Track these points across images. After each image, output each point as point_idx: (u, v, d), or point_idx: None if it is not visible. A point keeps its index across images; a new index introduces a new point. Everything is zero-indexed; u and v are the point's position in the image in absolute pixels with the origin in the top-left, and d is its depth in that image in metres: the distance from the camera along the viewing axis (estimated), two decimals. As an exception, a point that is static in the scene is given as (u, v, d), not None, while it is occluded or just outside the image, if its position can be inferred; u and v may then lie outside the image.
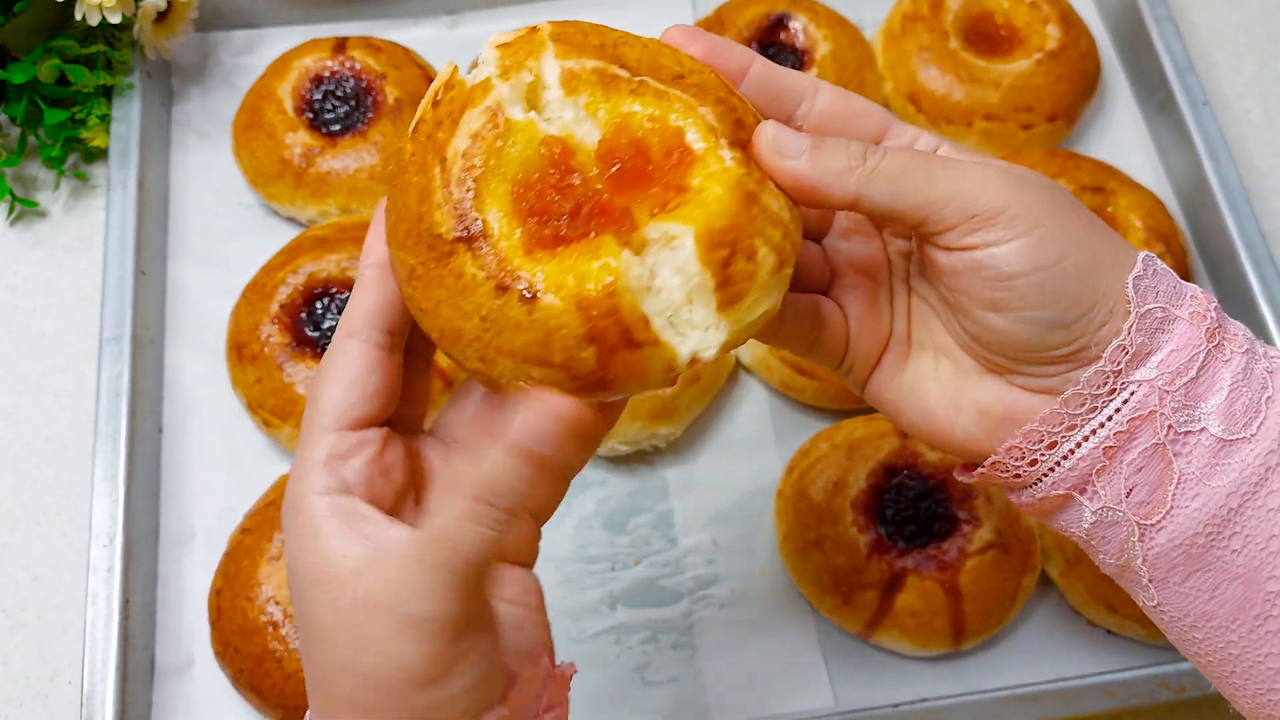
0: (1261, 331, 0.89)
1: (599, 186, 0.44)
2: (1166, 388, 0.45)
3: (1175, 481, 0.45)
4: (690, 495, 0.86)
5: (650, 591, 0.83)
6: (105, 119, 0.94)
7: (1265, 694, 0.46)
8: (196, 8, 0.97)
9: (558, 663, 0.50)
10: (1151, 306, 0.45)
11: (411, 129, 0.47)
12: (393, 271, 0.47)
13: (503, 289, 0.43)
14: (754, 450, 0.88)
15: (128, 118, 0.94)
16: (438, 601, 0.42)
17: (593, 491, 0.86)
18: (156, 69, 0.98)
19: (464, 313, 0.44)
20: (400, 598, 0.41)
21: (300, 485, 0.45)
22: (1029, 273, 0.45)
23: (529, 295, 0.42)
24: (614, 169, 0.45)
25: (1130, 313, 0.45)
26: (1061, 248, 0.45)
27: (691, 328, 0.44)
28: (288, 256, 0.89)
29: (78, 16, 0.89)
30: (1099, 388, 0.46)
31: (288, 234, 0.94)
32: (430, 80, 0.98)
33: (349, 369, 0.46)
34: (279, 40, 1.03)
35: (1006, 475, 0.50)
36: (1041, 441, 0.47)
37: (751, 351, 0.89)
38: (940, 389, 0.51)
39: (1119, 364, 0.45)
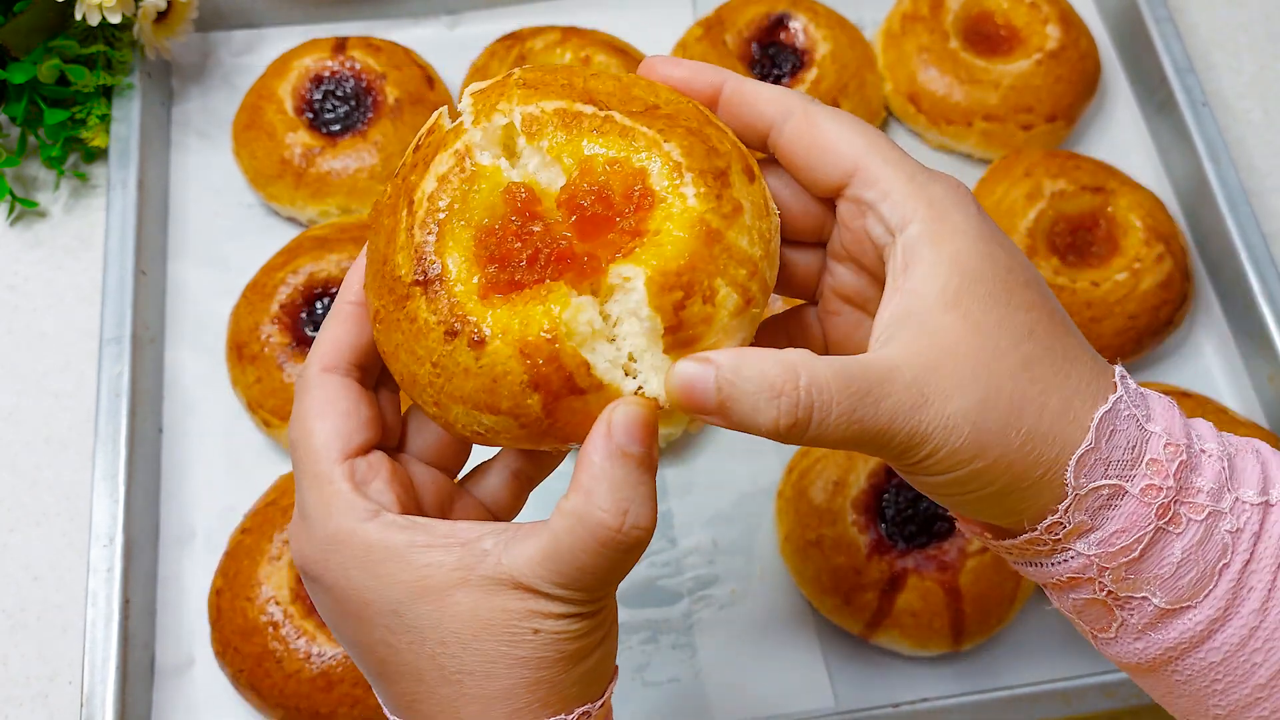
0: (1262, 331, 0.89)
1: (565, 234, 0.44)
2: (1105, 564, 0.43)
3: (1118, 624, 0.45)
4: (690, 495, 0.86)
5: (650, 591, 0.83)
6: (105, 119, 0.94)
7: None
8: (196, 8, 0.97)
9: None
10: (1098, 484, 0.42)
11: (395, 172, 0.48)
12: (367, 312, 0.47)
13: (452, 334, 0.43)
14: (754, 450, 0.88)
15: (128, 118, 0.94)
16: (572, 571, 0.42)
17: (593, 491, 0.86)
18: (156, 69, 0.98)
19: (418, 357, 0.44)
20: (543, 569, 0.42)
21: (336, 521, 0.44)
22: (965, 493, 0.44)
23: (477, 340, 0.42)
24: (575, 216, 0.44)
25: (1069, 494, 0.43)
26: (994, 474, 0.43)
27: (653, 371, 0.44)
28: (288, 256, 0.89)
29: (78, 16, 0.89)
30: (1040, 546, 0.45)
31: (288, 234, 0.94)
32: (430, 80, 0.98)
33: (339, 400, 0.46)
34: (279, 40, 1.03)
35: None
36: (1002, 554, 0.48)
37: (751, 352, 0.89)
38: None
39: (1056, 535, 0.44)
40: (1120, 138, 1.02)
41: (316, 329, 0.86)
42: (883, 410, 0.41)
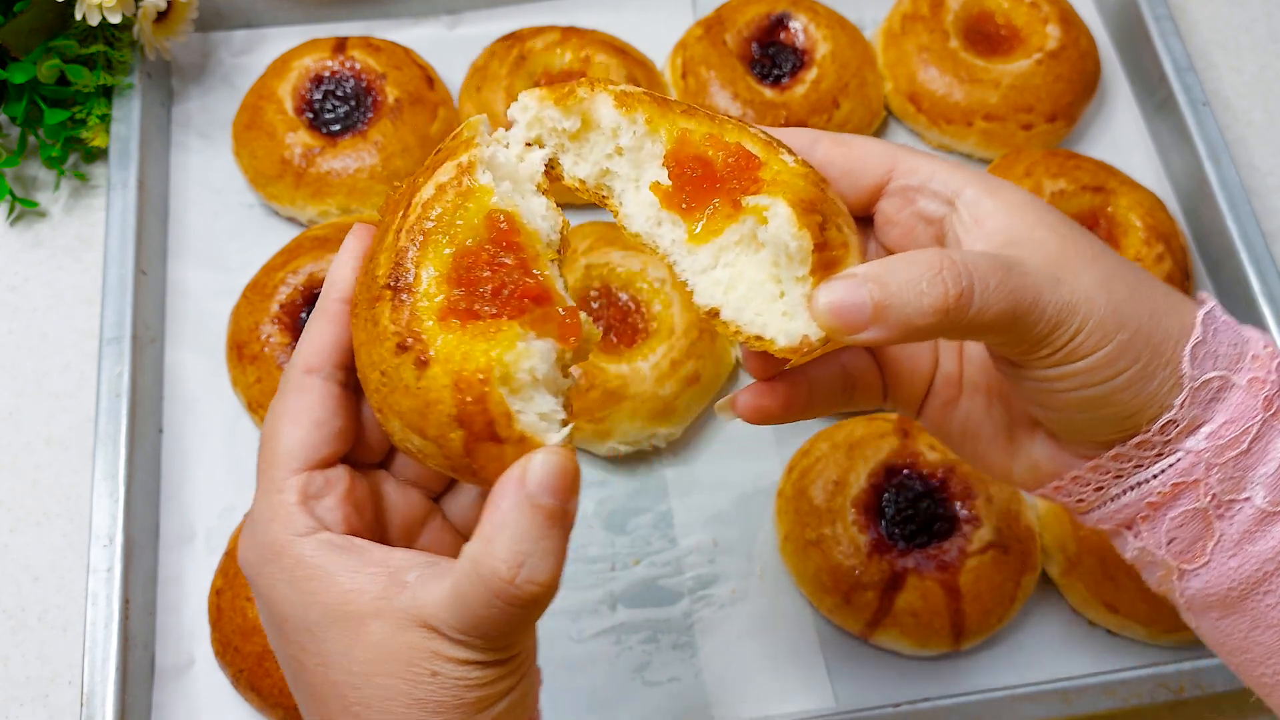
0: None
1: (536, 273, 0.43)
2: (1214, 460, 0.45)
3: (1215, 540, 0.46)
4: (690, 495, 0.86)
5: (650, 591, 0.83)
6: (105, 119, 0.94)
7: None
8: (196, 8, 0.97)
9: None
10: (1209, 376, 0.45)
11: (416, 168, 0.48)
12: None
13: (403, 348, 0.42)
14: (754, 450, 0.88)
15: (128, 118, 0.94)
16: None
17: (593, 491, 0.86)
18: (156, 69, 0.98)
19: (373, 362, 0.44)
20: (445, 613, 0.41)
21: (276, 530, 0.44)
22: (1105, 381, 0.44)
23: (422, 361, 0.42)
24: (679, 182, 0.46)
25: (1184, 386, 0.44)
26: (1136, 350, 0.44)
27: (798, 305, 0.44)
28: (288, 256, 0.89)
29: (78, 16, 0.89)
30: (1147, 450, 0.46)
31: (288, 234, 0.94)
32: (430, 80, 0.98)
33: (314, 408, 0.46)
34: (279, 40, 1.03)
35: (1061, 503, 0.51)
36: (1089, 486, 0.48)
37: (751, 351, 0.89)
38: (994, 435, 0.52)
39: (1168, 435, 0.45)
40: (1120, 137, 1.02)
41: (316, 329, 0.86)
42: (1029, 282, 0.43)
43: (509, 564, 0.40)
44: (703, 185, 0.46)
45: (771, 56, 0.99)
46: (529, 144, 0.49)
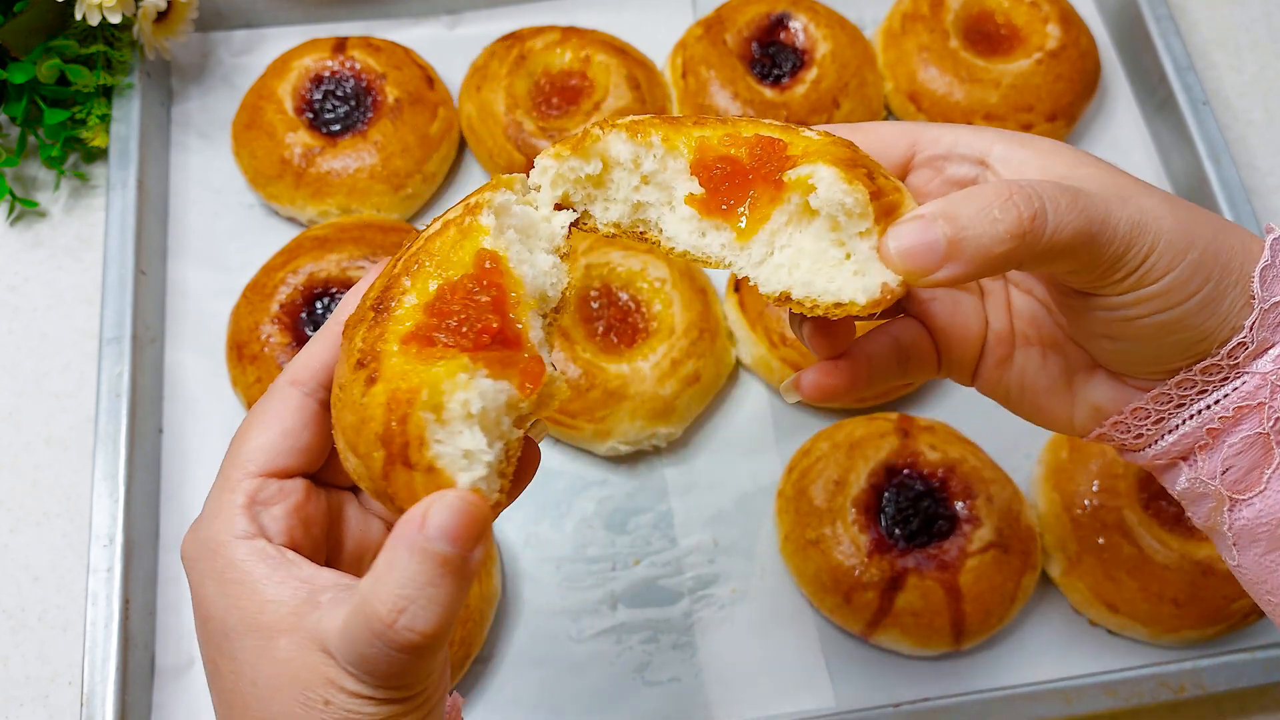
0: (1262, 331, 0.89)
1: (501, 315, 0.43)
2: (1277, 385, 0.45)
3: (1273, 466, 0.46)
4: (690, 495, 0.86)
5: (650, 591, 0.83)
6: (105, 119, 0.94)
7: None
8: (196, 8, 0.97)
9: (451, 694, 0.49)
10: (1278, 298, 0.45)
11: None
12: None
13: (360, 365, 0.42)
14: (754, 450, 0.88)
15: (128, 118, 0.94)
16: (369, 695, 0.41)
17: (593, 491, 0.86)
18: (156, 69, 0.98)
19: (337, 377, 0.44)
20: (336, 642, 0.40)
21: (217, 527, 0.44)
22: (1180, 304, 0.44)
23: (371, 379, 0.42)
24: (711, 187, 0.47)
25: (1255, 308, 0.45)
26: (1208, 269, 0.44)
27: (868, 262, 0.44)
28: (288, 256, 0.89)
29: (78, 16, 0.89)
30: (1212, 374, 0.46)
31: (288, 234, 0.94)
32: (430, 80, 0.98)
33: (286, 417, 0.46)
34: (279, 40, 1.03)
35: (1118, 441, 0.51)
36: (1148, 418, 0.48)
37: (751, 351, 0.89)
38: (1051, 386, 0.51)
39: (1236, 358, 0.45)
40: (1120, 137, 1.02)
41: (316, 329, 0.86)
42: (1097, 202, 0.43)
43: (389, 607, 0.39)
44: (736, 181, 0.46)
45: (771, 56, 0.99)
46: (559, 206, 0.50)
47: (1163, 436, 0.48)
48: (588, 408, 0.83)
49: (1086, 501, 0.81)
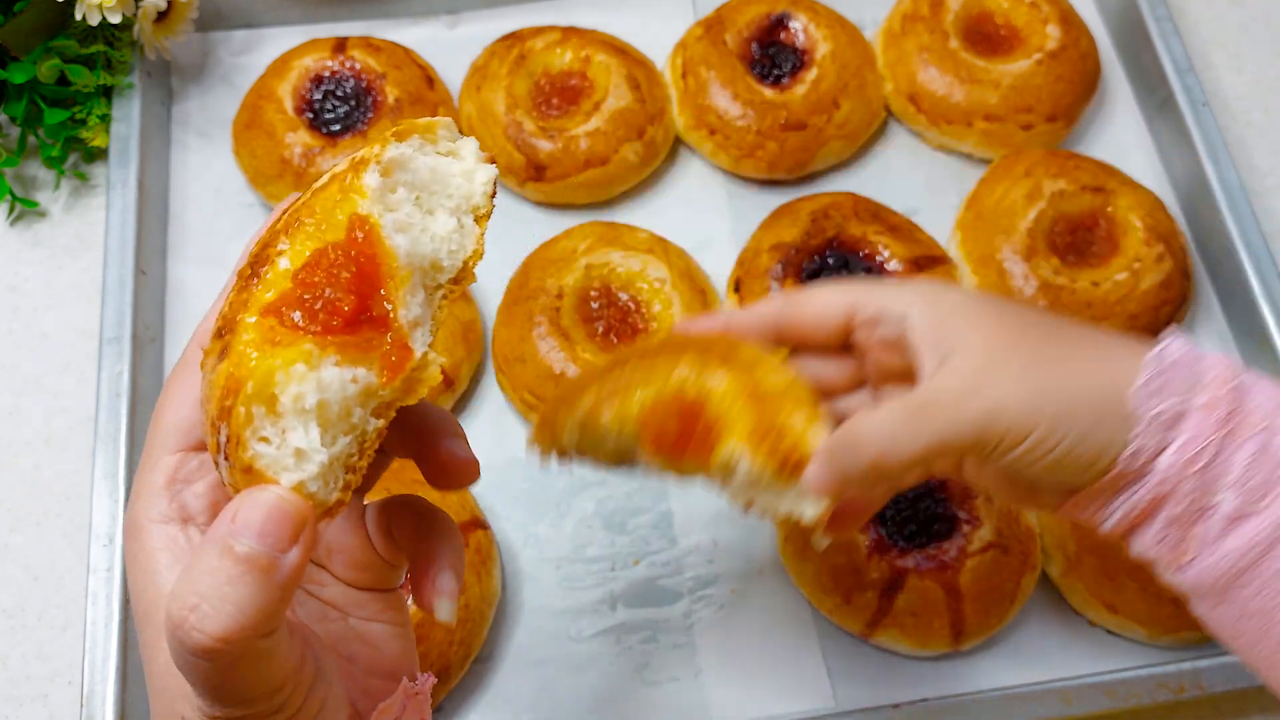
0: (1262, 331, 0.89)
1: (357, 295, 0.39)
2: (1182, 475, 0.49)
3: (1196, 541, 0.50)
4: (690, 495, 0.86)
5: (650, 591, 0.83)
6: (105, 119, 0.94)
7: None
8: (196, 8, 0.97)
9: (420, 676, 0.47)
10: (1161, 409, 0.49)
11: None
12: None
13: (219, 334, 0.39)
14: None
15: (128, 118, 0.94)
16: None
17: (592, 491, 0.86)
18: (156, 69, 0.98)
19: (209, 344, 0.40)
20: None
21: (138, 509, 0.42)
22: (1045, 456, 0.50)
23: (223, 353, 0.38)
24: (660, 446, 0.54)
25: (1139, 421, 0.49)
26: (1065, 424, 0.50)
27: (798, 504, 0.53)
28: (288, 256, 0.89)
29: (78, 16, 0.89)
30: (1121, 482, 0.51)
31: (288, 234, 0.94)
32: (430, 80, 0.98)
33: (200, 384, 0.41)
34: (279, 40, 1.03)
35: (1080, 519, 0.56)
36: (1087, 510, 0.53)
37: (751, 351, 0.89)
38: (1014, 490, 0.57)
39: (1133, 466, 0.50)
40: (1120, 138, 1.02)
41: (316, 329, 0.86)
42: (943, 414, 0.50)
43: (179, 603, 0.36)
44: (678, 446, 0.53)
45: (771, 56, 0.99)
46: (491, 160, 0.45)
47: (1106, 519, 0.53)
48: (588, 408, 0.84)
49: (1086, 502, 0.81)
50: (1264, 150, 1.03)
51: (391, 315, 0.39)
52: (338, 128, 0.95)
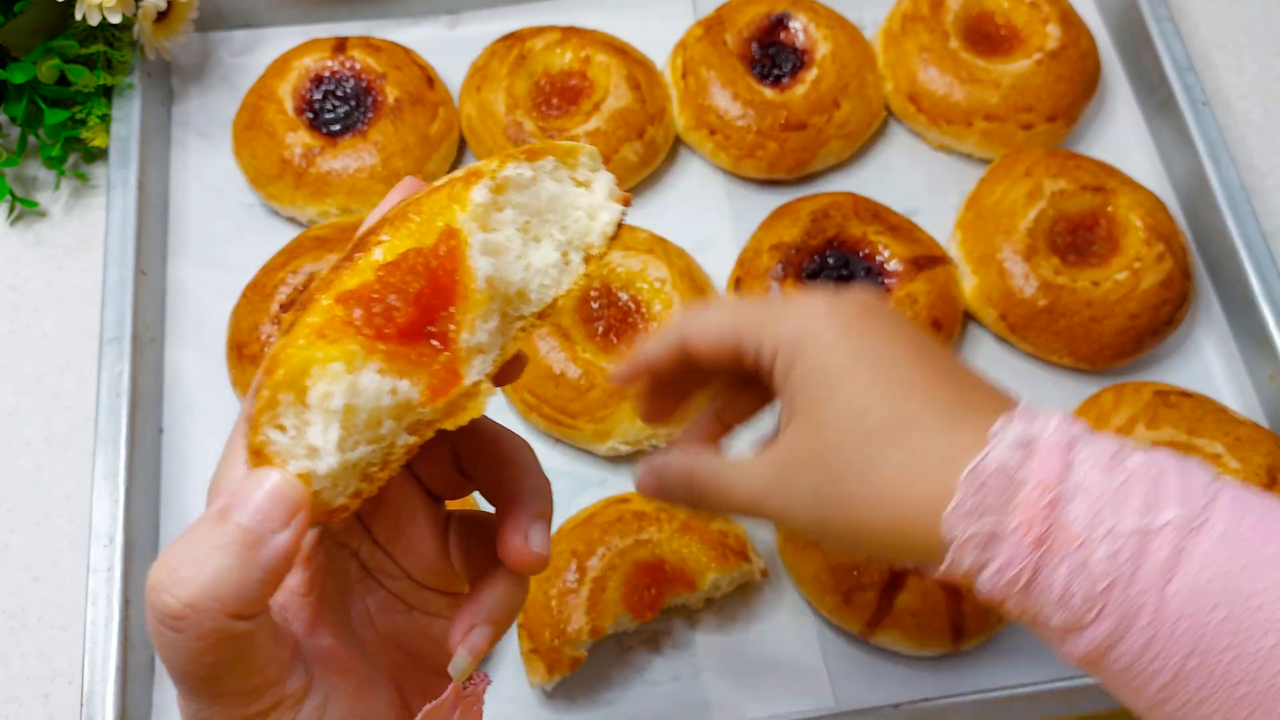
0: (1262, 331, 0.89)
1: (421, 308, 0.38)
2: (1004, 593, 0.46)
3: (1043, 635, 0.48)
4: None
5: (650, 591, 0.83)
6: (105, 119, 0.94)
7: None
8: (196, 8, 0.97)
9: (474, 676, 0.47)
10: (972, 531, 0.46)
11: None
12: None
13: (301, 305, 0.39)
14: (754, 450, 0.88)
15: (128, 118, 0.94)
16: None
17: (592, 492, 0.86)
18: (156, 69, 0.98)
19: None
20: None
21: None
22: (858, 548, 0.53)
23: (290, 327, 0.38)
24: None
25: (950, 544, 0.46)
26: (848, 547, 0.53)
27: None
28: (288, 256, 0.89)
29: (78, 16, 0.89)
30: (953, 578, 0.48)
31: (288, 234, 0.94)
32: (430, 80, 0.98)
33: None
34: (279, 40, 1.03)
35: None
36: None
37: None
38: None
39: (955, 574, 0.47)
40: (1120, 137, 1.02)
41: (316, 329, 0.86)
42: (736, 496, 0.54)
43: (160, 567, 0.35)
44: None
45: (771, 56, 0.99)
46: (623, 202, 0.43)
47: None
48: (588, 408, 0.83)
49: (1086, 502, 0.81)
50: (1264, 150, 1.03)
51: (453, 335, 0.38)
52: (338, 128, 0.95)
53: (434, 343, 0.38)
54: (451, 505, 0.50)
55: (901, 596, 0.78)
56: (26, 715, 0.79)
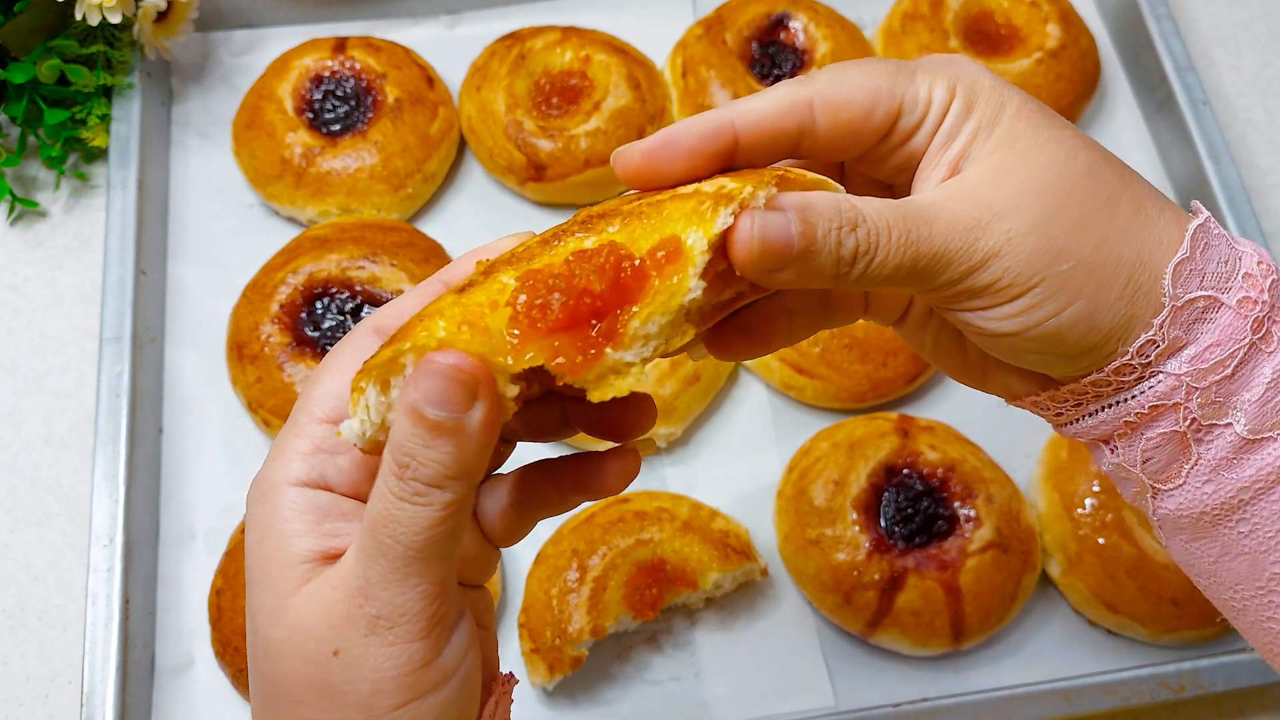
0: (1262, 331, 0.89)
1: (605, 299, 0.38)
2: (1196, 384, 0.42)
3: (1192, 462, 0.43)
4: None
5: (650, 591, 0.83)
6: (105, 119, 0.94)
7: (1265, 640, 0.45)
8: (196, 8, 0.97)
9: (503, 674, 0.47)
10: (1194, 295, 0.41)
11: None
12: None
13: (484, 272, 0.39)
14: (754, 450, 0.88)
15: (128, 118, 0.94)
16: (390, 594, 0.37)
17: (593, 491, 0.86)
18: (156, 69, 0.98)
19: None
20: (353, 600, 0.38)
21: (274, 470, 0.41)
22: (1047, 320, 0.42)
23: (462, 289, 0.39)
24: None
25: (1165, 305, 0.41)
26: (1077, 285, 0.41)
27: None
28: (288, 256, 0.89)
29: (78, 16, 0.89)
30: (1125, 374, 0.43)
31: (288, 234, 0.94)
32: (430, 80, 0.98)
33: (362, 363, 0.41)
34: (279, 40, 1.03)
35: (1039, 414, 0.48)
36: (1066, 402, 0.46)
37: (751, 351, 0.89)
38: (965, 360, 0.49)
39: (1148, 356, 0.42)
40: (1120, 137, 1.02)
41: (316, 329, 0.86)
42: (936, 231, 0.40)
43: (389, 465, 0.37)
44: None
45: (771, 56, 0.99)
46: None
47: (1082, 418, 0.46)
48: (587, 408, 0.83)
49: (1087, 501, 0.81)
50: (1264, 149, 1.02)
51: (623, 321, 0.38)
52: (338, 128, 0.95)
53: (594, 325, 0.38)
54: None
55: (901, 596, 0.78)
56: (26, 715, 0.79)
